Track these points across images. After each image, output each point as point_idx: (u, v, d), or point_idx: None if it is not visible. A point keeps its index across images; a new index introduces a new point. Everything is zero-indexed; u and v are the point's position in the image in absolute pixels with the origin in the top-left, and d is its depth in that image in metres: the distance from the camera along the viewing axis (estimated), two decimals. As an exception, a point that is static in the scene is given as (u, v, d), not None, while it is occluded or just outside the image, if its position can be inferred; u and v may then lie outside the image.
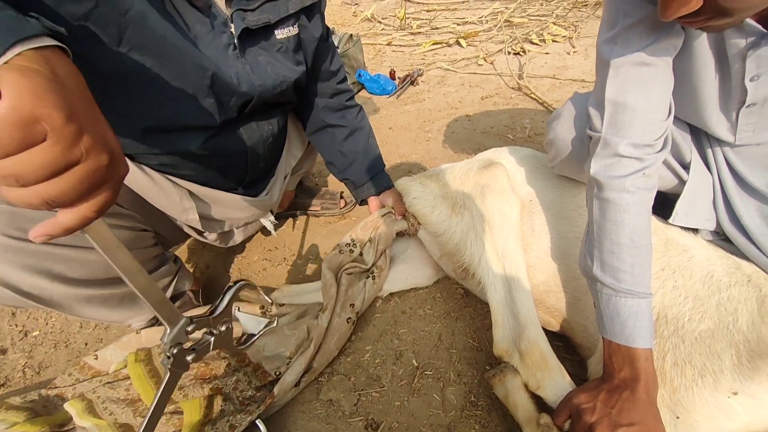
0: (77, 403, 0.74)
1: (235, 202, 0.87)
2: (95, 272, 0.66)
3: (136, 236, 0.73)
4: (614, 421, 0.58)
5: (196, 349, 0.58)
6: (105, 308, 0.72)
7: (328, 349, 0.85)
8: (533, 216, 0.87)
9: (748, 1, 0.44)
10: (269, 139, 0.86)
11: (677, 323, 0.67)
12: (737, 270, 0.69)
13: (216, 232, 0.90)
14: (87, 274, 0.65)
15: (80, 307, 0.68)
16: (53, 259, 0.60)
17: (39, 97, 0.30)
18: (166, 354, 0.54)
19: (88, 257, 0.64)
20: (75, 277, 0.64)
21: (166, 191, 0.75)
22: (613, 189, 0.65)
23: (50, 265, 0.60)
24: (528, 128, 1.70)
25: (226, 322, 0.63)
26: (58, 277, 0.62)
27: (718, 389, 0.62)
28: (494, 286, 0.80)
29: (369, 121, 1.09)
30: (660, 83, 0.62)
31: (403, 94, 2.09)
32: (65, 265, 0.62)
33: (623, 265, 0.63)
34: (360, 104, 1.08)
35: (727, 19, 0.47)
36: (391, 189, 1.07)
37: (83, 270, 0.64)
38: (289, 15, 0.76)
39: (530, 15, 2.93)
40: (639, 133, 0.63)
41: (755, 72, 0.59)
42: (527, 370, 0.73)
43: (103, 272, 0.67)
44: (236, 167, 0.83)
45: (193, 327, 0.56)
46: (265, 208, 0.97)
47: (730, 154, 0.72)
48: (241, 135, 0.79)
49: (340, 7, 3.69)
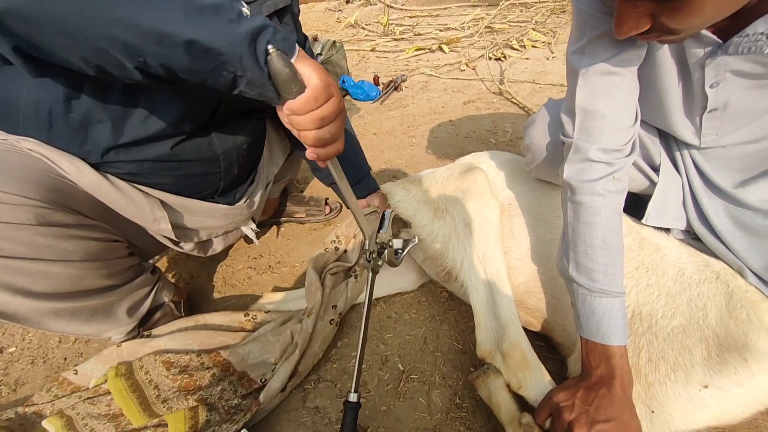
0: (56, 420, 0.72)
1: (211, 210, 0.86)
2: (61, 285, 0.64)
3: (106, 247, 0.71)
4: (592, 417, 0.60)
5: (380, 253, 0.76)
6: (76, 322, 0.70)
7: (312, 353, 0.85)
8: (513, 219, 0.89)
9: (689, 24, 0.47)
10: (243, 146, 0.85)
11: (651, 320, 0.70)
12: (707, 267, 0.72)
13: (192, 242, 0.89)
14: (52, 287, 0.63)
15: (49, 321, 0.66)
16: (14, 273, 0.59)
17: (323, 71, 0.51)
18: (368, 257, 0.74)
19: (51, 270, 0.62)
20: (39, 290, 0.62)
21: (135, 201, 0.73)
22: (585, 192, 0.67)
23: (11, 279, 0.59)
24: (509, 132, 1.73)
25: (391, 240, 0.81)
26: (21, 291, 0.60)
27: (689, 383, 0.64)
28: (476, 289, 0.82)
29: (352, 126, 1.11)
30: (626, 91, 0.65)
31: (387, 99, 2.11)
32: (28, 279, 0.60)
33: (597, 266, 0.66)
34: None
35: (675, 36, 0.51)
36: (377, 192, 1.08)
37: (47, 283, 0.62)
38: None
39: (510, 21, 3.00)
40: (608, 138, 0.66)
41: (714, 79, 0.62)
42: (509, 370, 0.74)
43: (70, 285, 0.65)
44: (209, 174, 0.82)
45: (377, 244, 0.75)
46: (244, 216, 0.96)
47: (697, 156, 0.75)
48: (213, 141, 0.78)
49: (323, 14, 3.71)
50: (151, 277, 0.85)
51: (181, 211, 0.82)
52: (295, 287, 1.09)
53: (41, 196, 0.60)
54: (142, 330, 0.86)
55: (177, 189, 0.79)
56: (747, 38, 0.54)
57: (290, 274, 1.14)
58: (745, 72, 0.59)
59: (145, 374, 0.77)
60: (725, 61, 0.59)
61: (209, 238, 0.94)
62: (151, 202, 0.75)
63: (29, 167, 0.61)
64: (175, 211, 0.81)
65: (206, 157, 0.78)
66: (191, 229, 0.87)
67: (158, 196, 0.77)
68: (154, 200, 0.76)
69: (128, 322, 0.79)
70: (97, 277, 0.69)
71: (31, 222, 0.58)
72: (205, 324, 0.91)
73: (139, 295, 0.81)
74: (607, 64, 0.63)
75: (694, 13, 0.45)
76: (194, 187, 0.81)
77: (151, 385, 0.76)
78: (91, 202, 0.68)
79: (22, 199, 0.58)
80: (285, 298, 1.02)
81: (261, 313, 0.95)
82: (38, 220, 0.59)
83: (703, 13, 0.45)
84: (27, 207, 0.58)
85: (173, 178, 0.77)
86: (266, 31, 0.48)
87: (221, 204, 0.88)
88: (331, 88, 0.52)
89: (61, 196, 0.63)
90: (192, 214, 0.84)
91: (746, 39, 0.55)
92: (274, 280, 1.12)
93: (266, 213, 1.26)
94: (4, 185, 0.57)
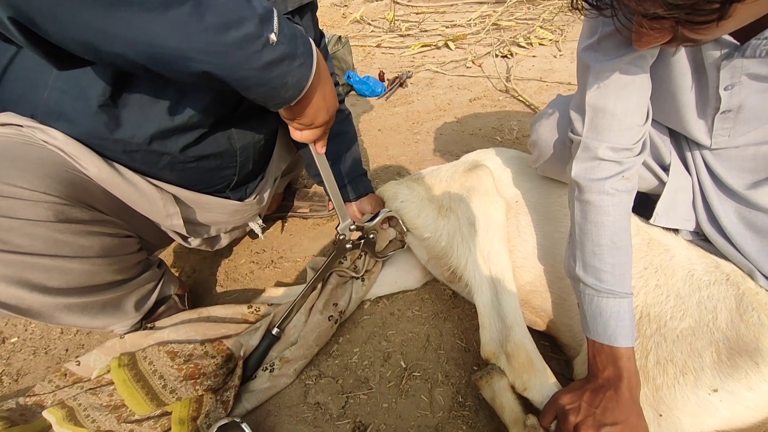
0: (57, 410, 0.72)
1: (223, 206, 0.86)
2: (76, 280, 0.64)
3: (119, 243, 0.71)
4: (598, 420, 0.59)
5: (354, 244, 0.92)
6: (86, 316, 0.70)
7: (306, 344, 0.84)
8: (519, 217, 0.88)
9: (711, 36, 0.45)
10: (261, 142, 0.85)
11: (659, 321, 0.68)
12: (716, 269, 0.70)
13: (201, 237, 0.89)
14: (67, 282, 0.63)
15: (60, 315, 0.66)
16: (32, 269, 0.59)
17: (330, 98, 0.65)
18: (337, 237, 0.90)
19: (68, 266, 0.62)
20: (55, 286, 0.62)
21: (149, 197, 0.73)
22: (593, 191, 0.66)
23: (29, 275, 0.59)
24: (516, 130, 1.72)
25: (374, 234, 0.94)
26: (38, 287, 0.60)
27: (699, 387, 0.63)
28: (481, 289, 0.81)
29: (354, 127, 1.09)
30: (638, 89, 0.63)
31: (392, 95, 2.09)
32: (45, 275, 0.60)
33: (604, 266, 0.64)
34: (348, 109, 1.08)
35: (695, 44, 0.49)
36: (369, 195, 1.06)
37: (64, 278, 0.62)
38: (287, 12, 0.76)
39: (518, 18, 2.97)
40: (618, 137, 0.64)
41: (729, 82, 0.60)
42: (514, 372, 0.73)
43: (84, 279, 0.65)
44: (225, 168, 0.81)
45: (354, 227, 0.90)
46: (253, 212, 0.96)
47: (708, 156, 0.74)
48: (232, 135, 0.78)
49: (329, 9, 3.69)
50: (158, 271, 0.85)
51: (193, 206, 0.82)
52: (297, 282, 1.08)
53: (60, 192, 0.59)
54: (145, 323, 0.86)
55: (190, 183, 0.78)
56: (766, 41, 0.53)
57: (293, 269, 1.13)
58: (762, 75, 0.58)
59: (149, 364, 0.77)
60: (742, 63, 0.57)
61: (217, 234, 0.94)
62: (164, 198, 0.75)
63: (47, 162, 0.60)
64: (187, 207, 0.81)
65: (224, 151, 0.78)
66: (201, 225, 0.87)
67: (171, 191, 0.77)
68: (168, 195, 0.76)
69: (135, 315, 0.80)
70: (109, 272, 0.69)
71: (50, 219, 0.58)
72: (208, 316, 0.91)
73: (146, 289, 0.81)
74: (619, 61, 0.61)
75: (717, 29, 0.43)
76: (207, 181, 0.81)
77: (155, 375, 0.76)
78: (106, 197, 0.68)
79: (42, 195, 0.57)
80: (287, 293, 1.01)
81: (264, 306, 0.95)
82: (57, 217, 0.59)
83: (726, 27, 0.43)
84: (46, 204, 0.57)
85: (188, 171, 0.76)
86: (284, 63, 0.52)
87: (232, 200, 0.88)
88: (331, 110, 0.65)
89: (79, 192, 0.63)
90: (203, 209, 0.83)
91: (765, 42, 0.53)
92: (277, 275, 1.12)
93: (270, 208, 1.26)
94: (24, 181, 0.56)
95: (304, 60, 0.55)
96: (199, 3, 0.43)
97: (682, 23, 0.42)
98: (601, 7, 0.47)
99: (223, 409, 0.75)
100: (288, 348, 0.84)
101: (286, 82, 0.53)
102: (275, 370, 0.82)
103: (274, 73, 0.51)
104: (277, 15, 0.51)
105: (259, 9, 0.48)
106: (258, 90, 0.53)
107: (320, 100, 0.62)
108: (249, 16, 0.47)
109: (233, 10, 0.46)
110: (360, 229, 0.92)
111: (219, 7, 0.45)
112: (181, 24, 0.43)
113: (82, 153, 0.63)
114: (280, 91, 0.55)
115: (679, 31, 0.45)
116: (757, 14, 0.43)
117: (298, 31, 0.55)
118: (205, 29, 0.44)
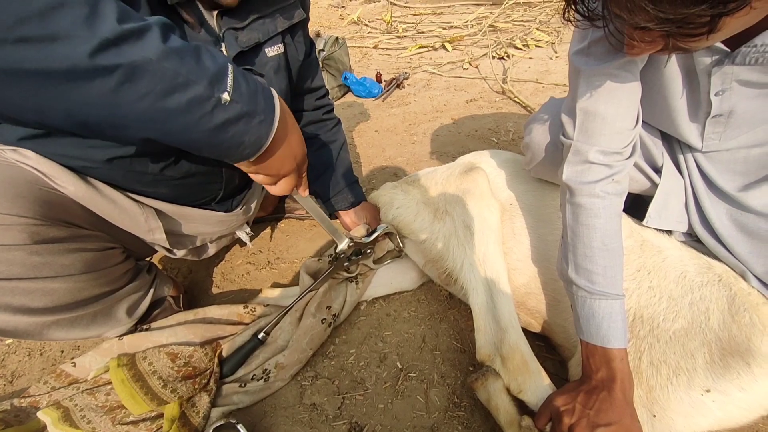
0: (52, 411, 0.72)
1: (207, 217, 0.85)
2: (61, 298, 0.63)
3: (102, 256, 0.69)
4: (592, 421, 0.59)
5: (351, 259, 0.95)
6: (77, 329, 0.69)
7: (299, 347, 0.84)
8: (514, 219, 0.89)
9: (702, 45, 0.46)
10: None
11: (652, 323, 0.69)
12: (709, 270, 0.71)
13: (186, 248, 0.88)
14: (52, 301, 0.62)
15: (49, 332, 0.65)
16: (12, 294, 0.57)
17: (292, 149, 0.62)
18: (332, 256, 0.94)
19: (51, 286, 0.61)
20: (39, 306, 0.61)
21: (129, 212, 0.71)
22: (584, 194, 0.66)
23: (9, 299, 0.57)
24: (512, 131, 1.72)
25: (371, 249, 0.99)
26: (20, 309, 0.59)
27: (692, 387, 0.63)
28: (476, 292, 0.81)
29: (344, 135, 1.10)
30: (628, 93, 0.64)
31: (389, 97, 2.10)
32: (27, 297, 0.59)
33: (596, 268, 0.65)
34: (338, 118, 1.09)
35: (686, 52, 0.50)
36: (363, 204, 1.05)
37: (48, 299, 0.61)
38: (276, 33, 0.76)
39: (514, 20, 2.98)
40: (608, 140, 0.65)
41: (720, 87, 0.61)
42: (509, 374, 0.74)
43: (69, 297, 0.64)
44: (210, 183, 0.81)
45: (351, 245, 0.93)
46: (240, 221, 0.95)
47: (700, 158, 0.74)
48: None
49: (326, 10, 3.69)
50: (148, 277, 0.84)
51: (177, 218, 0.80)
52: (293, 284, 1.08)
53: (34, 212, 0.57)
54: (140, 325, 0.86)
55: (174, 198, 0.77)
56: (755, 48, 0.54)
57: (289, 271, 1.13)
58: (752, 82, 0.59)
59: (148, 365, 0.77)
60: (732, 70, 0.58)
61: (203, 243, 0.93)
62: (146, 213, 0.74)
63: (19, 181, 0.58)
64: (170, 219, 0.79)
65: (209, 168, 0.77)
66: (186, 236, 0.86)
67: (153, 205, 0.75)
68: (149, 210, 0.74)
69: (128, 321, 0.79)
70: (96, 286, 0.68)
71: (26, 241, 0.56)
72: (204, 317, 0.91)
73: (137, 295, 0.80)
74: (610, 65, 0.62)
75: (707, 40, 0.43)
76: (192, 195, 0.80)
77: (155, 375, 0.76)
78: (84, 212, 0.66)
79: (15, 218, 0.55)
80: (283, 294, 1.01)
81: (260, 306, 0.95)
82: (33, 239, 0.57)
83: (716, 38, 0.44)
84: (20, 226, 0.56)
85: (172, 188, 0.75)
86: (241, 122, 0.50)
87: (217, 211, 0.87)
88: (299, 156, 0.63)
89: (55, 210, 0.61)
90: (187, 221, 0.82)
91: (754, 49, 0.54)
92: (273, 276, 1.12)
93: (266, 209, 1.25)
94: None
95: (265, 116, 0.52)
96: (132, 70, 0.40)
97: (673, 35, 0.43)
98: (593, 18, 0.47)
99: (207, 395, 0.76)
100: (281, 353, 0.83)
101: (242, 141, 0.51)
102: (270, 378, 0.81)
103: (229, 134, 0.49)
104: (233, 71, 0.48)
105: (212, 68, 0.46)
106: (211, 150, 0.51)
107: (285, 150, 0.59)
108: (196, 77, 0.44)
109: (178, 74, 0.43)
110: (358, 244, 0.94)
111: (159, 73, 0.42)
112: (109, 93, 0.40)
113: (56, 172, 0.61)
114: (237, 150, 0.52)
115: (671, 41, 0.45)
116: (745, 24, 0.43)
117: (259, 85, 0.53)
118: (141, 97, 0.42)
